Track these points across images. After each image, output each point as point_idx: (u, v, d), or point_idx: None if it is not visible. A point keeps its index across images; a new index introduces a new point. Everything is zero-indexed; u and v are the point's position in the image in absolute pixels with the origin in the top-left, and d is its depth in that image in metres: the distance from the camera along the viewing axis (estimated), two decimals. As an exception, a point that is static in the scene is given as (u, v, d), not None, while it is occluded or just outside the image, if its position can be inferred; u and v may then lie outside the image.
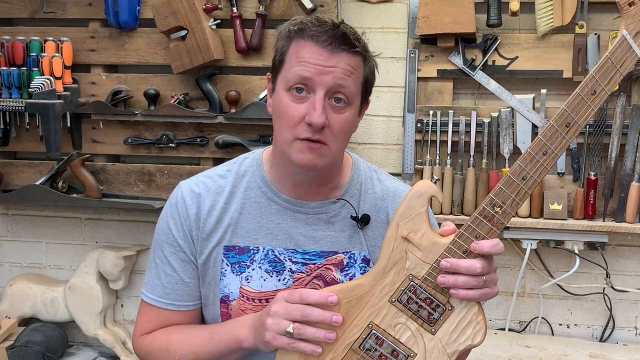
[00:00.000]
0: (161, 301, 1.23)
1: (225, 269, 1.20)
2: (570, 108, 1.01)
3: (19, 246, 2.55)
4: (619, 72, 1.00)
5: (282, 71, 1.13)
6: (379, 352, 1.09)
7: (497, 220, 1.05)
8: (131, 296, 2.50)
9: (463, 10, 2.08)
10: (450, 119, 2.17)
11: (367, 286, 1.09)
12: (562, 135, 1.02)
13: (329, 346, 1.09)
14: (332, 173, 1.21)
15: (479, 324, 1.08)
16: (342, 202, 1.22)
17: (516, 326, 2.32)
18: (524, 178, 1.04)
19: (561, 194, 2.12)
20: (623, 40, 0.99)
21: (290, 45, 1.11)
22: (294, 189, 1.20)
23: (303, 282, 1.20)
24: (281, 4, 2.20)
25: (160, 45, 2.27)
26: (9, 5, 2.34)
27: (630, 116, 2.08)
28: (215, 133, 2.26)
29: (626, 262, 2.24)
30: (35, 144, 2.34)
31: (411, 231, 1.08)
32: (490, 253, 1.05)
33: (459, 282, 1.05)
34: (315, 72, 1.07)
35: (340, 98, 1.10)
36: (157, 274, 1.24)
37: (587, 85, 1.01)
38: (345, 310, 1.08)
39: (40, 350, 2.23)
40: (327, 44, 1.07)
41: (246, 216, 1.21)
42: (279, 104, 1.12)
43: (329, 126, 1.09)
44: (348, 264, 1.22)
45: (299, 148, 1.09)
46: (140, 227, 2.47)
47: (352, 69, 1.10)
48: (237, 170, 1.24)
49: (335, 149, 1.12)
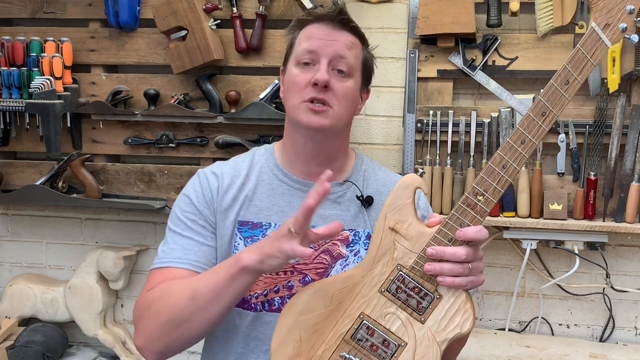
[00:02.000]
0: (178, 261, 1.21)
1: (239, 243, 1.26)
2: (545, 98, 1.07)
3: (19, 246, 2.55)
4: (590, 62, 1.06)
5: (292, 54, 1.28)
6: (370, 342, 1.11)
7: (480, 209, 1.09)
8: (131, 296, 2.50)
9: (463, 10, 2.09)
10: (450, 119, 2.17)
11: (358, 277, 1.12)
12: (539, 124, 1.08)
13: (322, 338, 1.11)
14: (337, 148, 1.31)
15: (467, 312, 1.10)
16: (348, 184, 1.32)
17: (516, 326, 2.32)
18: (504, 166, 1.08)
19: (561, 194, 2.12)
20: (592, 32, 1.06)
21: (301, 31, 1.28)
22: (303, 169, 1.30)
23: (311, 256, 1.27)
24: (281, 4, 2.20)
25: (160, 45, 2.27)
26: (9, 5, 2.34)
27: (630, 116, 2.08)
28: (215, 133, 2.27)
29: (626, 262, 2.24)
30: (35, 144, 2.35)
31: (398, 222, 1.11)
32: (475, 239, 1.09)
33: (445, 269, 1.09)
34: (320, 45, 1.23)
35: (342, 69, 1.24)
36: (174, 240, 1.24)
37: (560, 76, 1.07)
38: (337, 302, 1.11)
39: (40, 350, 2.24)
40: (329, 20, 1.25)
41: (259, 195, 1.29)
42: (289, 79, 1.26)
43: (332, 89, 1.22)
44: (353, 241, 1.29)
45: (305, 110, 1.21)
46: (140, 227, 2.47)
47: (351, 44, 1.26)
48: (252, 159, 1.35)
49: (338, 112, 1.23)
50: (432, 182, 2.17)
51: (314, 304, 1.11)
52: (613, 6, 1.05)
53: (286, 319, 1.12)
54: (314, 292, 1.12)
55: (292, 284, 1.26)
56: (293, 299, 1.13)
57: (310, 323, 1.11)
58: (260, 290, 1.26)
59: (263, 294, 1.26)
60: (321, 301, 1.11)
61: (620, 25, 1.05)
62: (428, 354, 1.09)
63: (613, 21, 1.05)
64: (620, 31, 1.06)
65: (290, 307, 1.13)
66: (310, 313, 1.11)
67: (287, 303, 1.14)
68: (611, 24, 1.05)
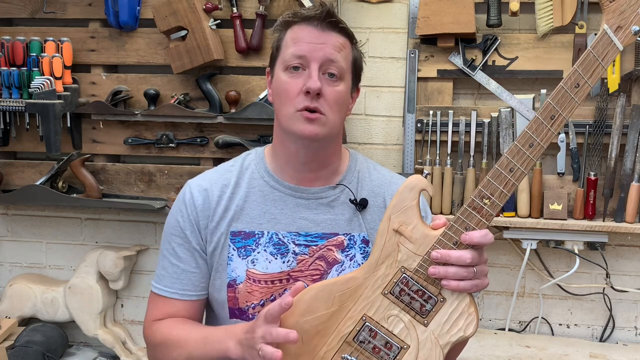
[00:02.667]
0: (166, 290, 1.29)
1: (232, 254, 1.26)
2: (554, 101, 1.05)
3: (19, 246, 2.55)
4: (601, 65, 1.05)
5: (279, 56, 1.23)
6: (373, 344, 1.11)
7: (485, 212, 1.08)
8: (131, 296, 2.50)
9: (463, 10, 2.09)
10: (450, 119, 2.17)
11: (361, 279, 1.11)
12: (548, 128, 1.06)
13: (323, 339, 1.11)
14: (330, 154, 1.28)
15: (470, 315, 1.09)
16: (341, 187, 1.29)
17: (516, 326, 2.32)
18: (511, 170, 1.07)
19: (561, 194, 2.12)
20: (604, 35, 1.04)
21: (286, 33, 1.23)
22: (295, 174, 1.27)
23: (306, 263, 1.26)
24: (281, 4, 2.20)
25: (160, 45, 2.27)
26: (9, 5, 2.34)
27: (630, 116, 2.08)
28: (215, 133, 2.27)
29: (626, 262, 2.24)
30: (35, 144, 2.35)
31: (402, 224, 1.10)
32: (480, 243, 1.07)
33: (449, 273, 1.08)
34: (309, 49, 1.19)
35: (332, 73, 1.20)
36: (164, 265, 1.30)
37: (570, 79, 1.05)
38: (339, 304, 1.11)
39: (40, 350, 2.23)
40: (317, 22, 1.20)
41: (250, 203, 1.28)
42: (278, 85, 1.22)
43: (324, 96, 1.19)
44: (348, 245, 1.27)
45: (299, 119, 1.18)
46: (140, 227, 2.47)
47: (341, 46, 1.21)
48: (241, 165, 1.32)
49: (332, 119, 1.20)
50: (432, 182, 2.17)
51: (317, 305, 1.11)
52: (626, 8, 1.03)
53: (288, 321, 1.11)
54: (317, 293, 1.11)
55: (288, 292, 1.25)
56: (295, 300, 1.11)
57: (312, 324, 1.11)
58: (256, 301, 1.25)
59: (260, 304, 1.25)
60: (323, 302, 1.10)
61: (632, 27, 1.04)
62: (431, 357, 1.09)
63: (625, 23, 1.04)
64: (633, 34, 1.04)
65: (292, 309, 1.11)
66: (313, 314, 1.10)
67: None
68: (623, 27, 1.04)
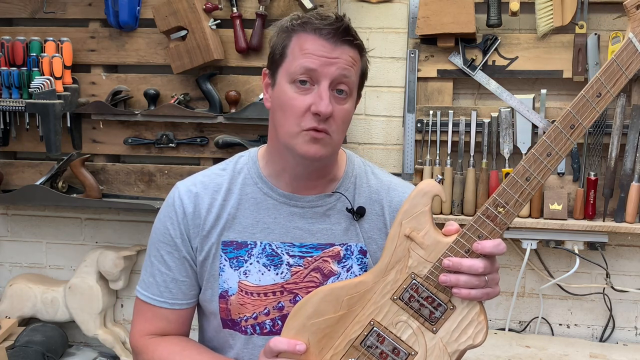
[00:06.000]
0: (155, 299, 1.25)
1: (224, 264, 1.21)
2: (575, 110, 1.02)
3: (19, 246, 2.55)
4: (625, 74, 1.01)
5: (283, 64, 1.14)
6: (380, 349, 1.10)
7: (499, 221, 1.06)
8: (131, 296, 2.50)
9: (463, 10, 2.08)
10: (450, 119, 2.17)
11: (370, 283, 1.10)
12: (567, 137, 1.02)
13: (330, 343, 1.10)
14: (330, 166, 1.23)
15: (480, 324, 1.08)
16: (337, 195, 1.23)
17: (516, 326, 2.32)
18: (528, 179, 1.04)
19: (561, 194, 2.12)
20: (629, 43, 1.01)
21: (292, 39, 1.14)
22: (291, 182, 1.21)
23: (301, 275, 1.21)
24: (281, 4, 2.20)
25: (160, 45, 2.27)
26: (9, 5, 2.34)
27: (630, 116, 2.08)
28: (215, 133, 2.26)
29: (626, 262, 2.24)
30: (35, 144, 2.34)
31: (414, 230, 1.08)
32: (493, 253, 1.06)
33: (460, 281, 1.05)
34: (320, 64, 1.10)
35: (342, 89, 1.12)
36: (152, 272, 1.25)
37: (592, 88, 1.01)
38: (347, 307, 1.09)
39: (40, 350, 2.23)
40: (331, 36, 1.10)
41: (243, 212, 1.22)
42: (282, 97, 1.13)
43: (333, 117, 1.11)
44: (345, 256, 1.22)
45: (304, 139, 1.11)
46: (140, 227, 2.47)
47: (353, 61, 1.13)
48: (233, 168, 1.26)
49: (337, 139, 1.15)
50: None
51: (324, 308, 1.09)
52: None
53: (295, 322, 1.10)
54: (325, 296, 1.10)
55: (282, 305, 1.21)
56: (302, 302, 1.11)
57: (319, 327, 1.09)
58: (249, 314, 1.21)
59: (253, 317, 1.21)
60: (331, 306, 1.09)
61: None
62: None
63: None
64: None
65: (299, 310, 1.10)
66: (320, 317, 1.09)
67: (296, 305, 1.11)
68: None
